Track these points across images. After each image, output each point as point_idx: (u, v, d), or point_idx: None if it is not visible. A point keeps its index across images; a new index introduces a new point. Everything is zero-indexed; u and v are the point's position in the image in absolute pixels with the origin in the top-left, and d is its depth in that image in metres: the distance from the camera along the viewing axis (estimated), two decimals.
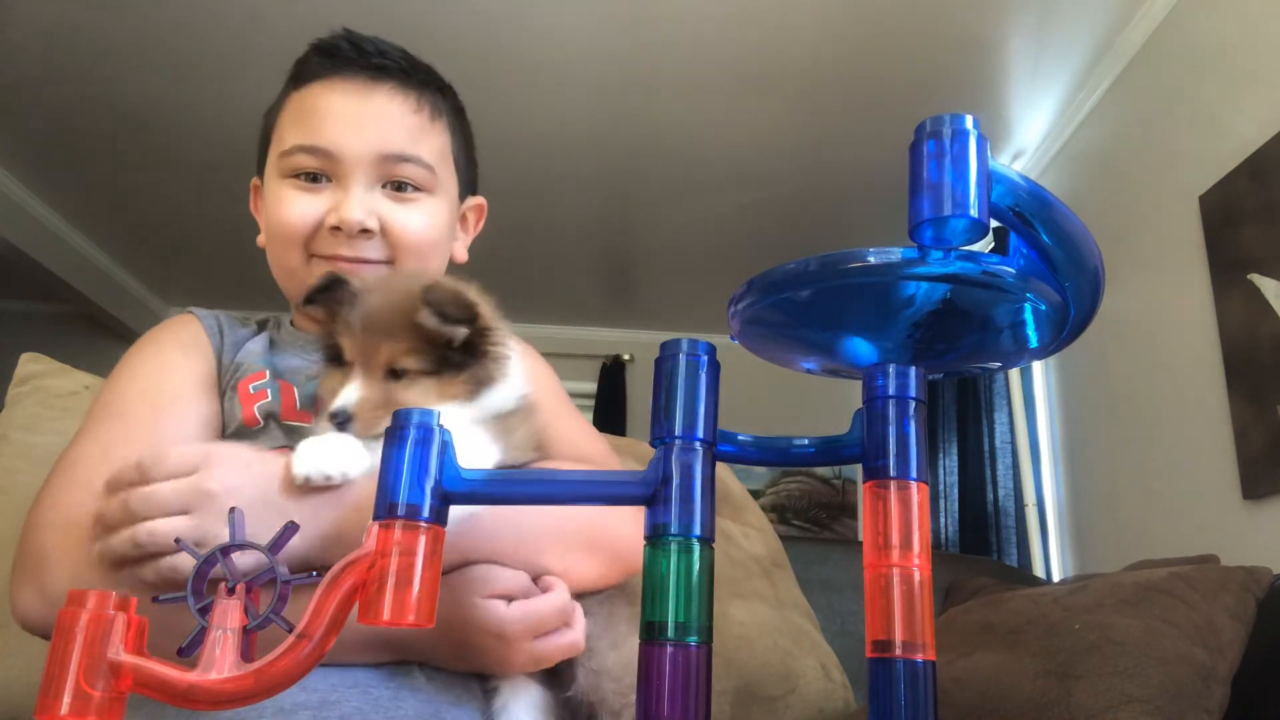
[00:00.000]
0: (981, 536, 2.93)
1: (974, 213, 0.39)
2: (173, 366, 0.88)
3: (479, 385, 0.75)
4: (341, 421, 0.71)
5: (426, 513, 0.41)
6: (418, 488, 0.41)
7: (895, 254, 0.40)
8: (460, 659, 0.74)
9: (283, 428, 0.83)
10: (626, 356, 4.62)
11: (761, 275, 0.43)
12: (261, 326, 0.98)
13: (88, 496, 0.74)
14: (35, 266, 3.72)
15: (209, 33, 2.58)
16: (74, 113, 3.01)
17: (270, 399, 0.85)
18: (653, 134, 3.01)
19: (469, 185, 1.03)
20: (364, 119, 0.89)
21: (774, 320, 0.45)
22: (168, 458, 0.67)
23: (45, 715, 0.37)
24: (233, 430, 0.84)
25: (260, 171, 0.98)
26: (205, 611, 0.40)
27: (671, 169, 3.20)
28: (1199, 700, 0.98)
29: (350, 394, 0.72)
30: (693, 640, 0.39)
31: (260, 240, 0.98)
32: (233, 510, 0.45)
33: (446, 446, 0.42)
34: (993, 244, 2.13)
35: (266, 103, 0.98)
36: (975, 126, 0.40)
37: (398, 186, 0.91)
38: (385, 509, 0.41)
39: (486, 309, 0.76)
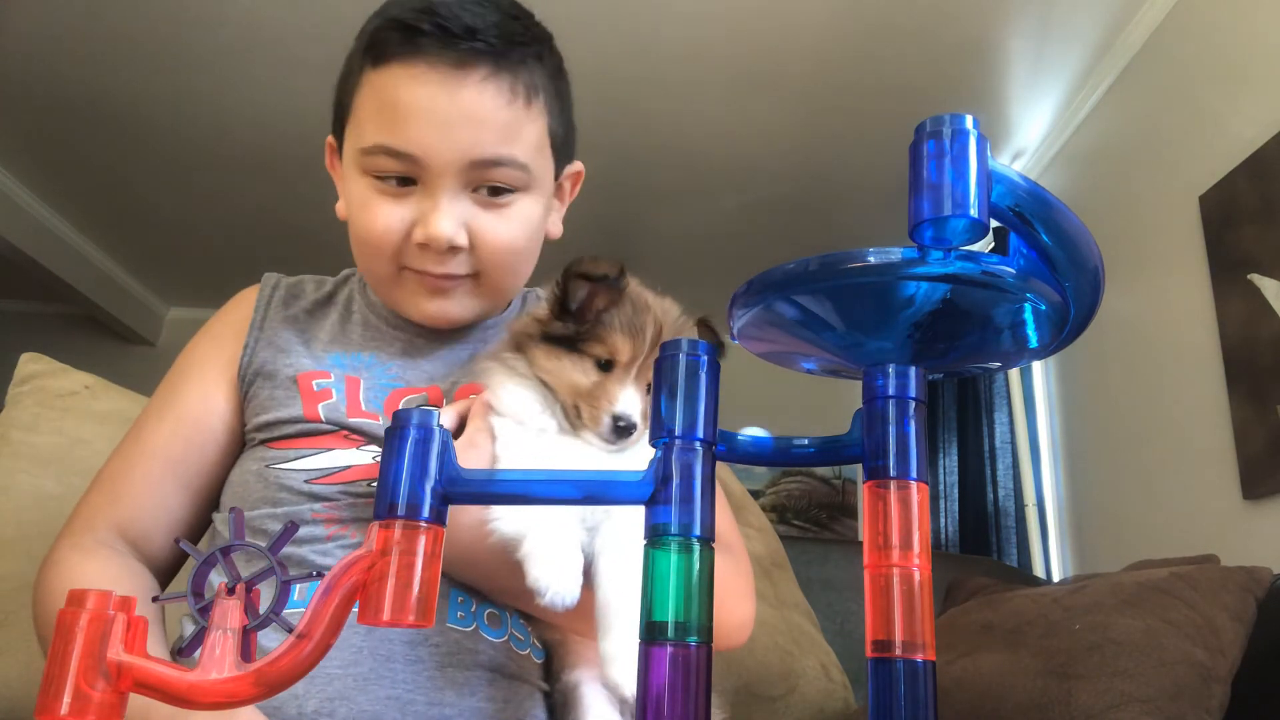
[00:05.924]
0: (981, 536, 2.93)
1: (974, 213, 0.39)
2: (186, 368, 0.91)
3: None
4: (625, 427, 0.76)
5: (426, 513, 0.41)
6: (418, 488, 0.41)
7: (895, 254, 0.40)
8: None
9: (348, 425, 0.83)
10: None
11: (761, 275, 0.43)
12: (340, 286, 0.96)
13: (91, 528, 0.83)
14: (35, 266, 3.72)
15: (210, 33, 2.57)
16: (74, 113, 3.01)
17: (335, 399, 0.83)
18: (652, 134, 3.01)
19: (566, 155, 0.93)
20: (452, 119, 0.78)
21: (773, 320, 0.45)
22: None
23: (45, 715, 0.37)
24: (289, 417, 0.83)
25: (337, 135, 0.88)
26: (205, 611, 0.40)
27: (671, 169, 3.20)
28: (1199, 700, 0.98)
29: (635, 403, 0.77)
30: (693, 640, 0.39)
31: (340, 210, 0.90)
32: (233, 509, 0.45)
33: (446, 446, 0.42)
34: (993, 244, 2.13)
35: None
36: (975, 126, 0.40)
37: (490, 190, 0.82)
38: (385, 509, 0.41)
39: None
